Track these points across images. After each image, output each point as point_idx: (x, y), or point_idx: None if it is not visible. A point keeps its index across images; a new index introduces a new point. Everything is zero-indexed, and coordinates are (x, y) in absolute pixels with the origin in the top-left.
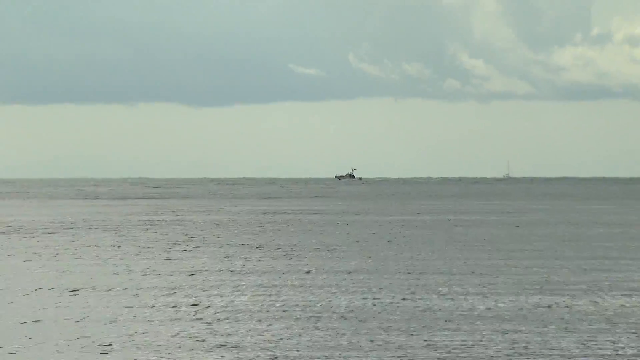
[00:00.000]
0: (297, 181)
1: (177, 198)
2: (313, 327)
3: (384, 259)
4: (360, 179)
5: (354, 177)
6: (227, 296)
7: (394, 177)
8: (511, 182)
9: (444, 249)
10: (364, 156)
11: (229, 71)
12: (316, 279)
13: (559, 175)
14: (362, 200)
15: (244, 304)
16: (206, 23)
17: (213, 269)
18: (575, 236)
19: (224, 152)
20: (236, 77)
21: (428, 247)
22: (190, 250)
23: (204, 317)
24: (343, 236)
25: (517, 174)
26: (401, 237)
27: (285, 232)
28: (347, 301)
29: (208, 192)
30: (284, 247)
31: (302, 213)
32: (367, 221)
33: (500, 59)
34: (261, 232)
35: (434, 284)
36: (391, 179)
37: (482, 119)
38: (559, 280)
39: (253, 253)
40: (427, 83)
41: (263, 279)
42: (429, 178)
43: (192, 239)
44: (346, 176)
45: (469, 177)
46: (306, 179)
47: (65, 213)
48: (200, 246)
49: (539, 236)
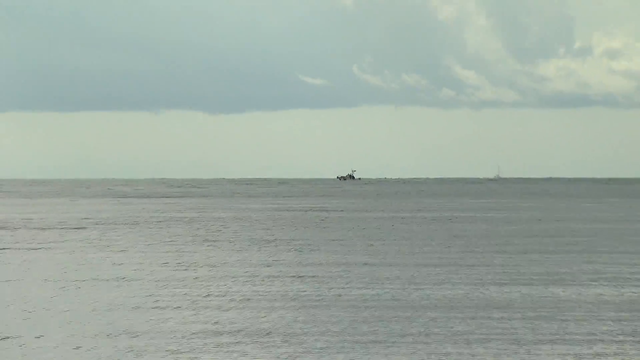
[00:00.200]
0: (302, 181)
1: (197, 197)
2: (321, 314)
3: (387, 252)
4: (359, 179)
5: (353, 177)
6: (244, 286)
7: (394, 177)
8: (501, 182)
9: (443, 244)
10: (366, 158)
11: (243, 81)
12: (325, 270)
13: (544, 175)
14: (365, 199)
15: (259, 293)
16: (223, 38)
17: (231, 261)
18: (562, 231)
19: (238, 155)
20: (250, 86)
21: (429, 241)
22: (211, 244)
23: (222, 305)
24: (350, 231)
25: (506, 174)
26: (404, 232)
27: (296, 227)
28: (353, 291)
29: (226, 191)
30: (296, 241)
31: (312, 210)
32: (371, 217)
33: (491, 70)
34: (275, 227)
35: (433, 276)
36: (391, 180)
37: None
38: (548, 271)
39: (268, 246)
40: (424, 92)
41: (277, 270)
42: (426, 178)
43: (212, 233)
44: (347, 177)
45: (462, 178)
46: (310, 179)
47: (96, 210)
48: (220, 240)
49: (529, 231)
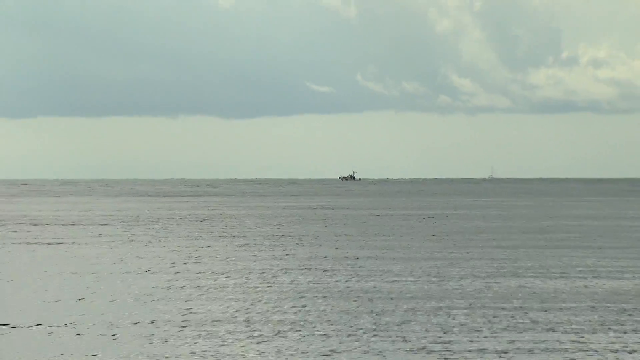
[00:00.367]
0: (308, 181)
1: (213, 195)
2: (328, 304)
3: (389, 247)
4: (360, 179)
5: (354, 178)
6: (258, 277)
7: (395, 177)
8: (495, 182)
9: (442, 239)
10: (369, 160)
11: (254, 89)
12: (332, 264)
13: (535, 176)
14: (368, 197)
15: (271, 285)
16: (237, 48)
17: (247, 255)
18: (554, 228)
19: (251, 157)
20: (261, 93)
21: (429, 237)
22: (227, 239)
23: (239, 297)
24: (354, 227)
25: (500, 175)
26: (405, 228)
27: (306, 224)
28: (358, 284)
29: (240, 190)
30: (306, 236)
31: (320, 208)
32: (374, 215)
33: (485, 78)
34: (287, 224)
35: (433, 269)
36: (392, 180)
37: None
38: (538, 265)
39: (279, 241)
40: (422, 98)
41: (288, 263)
42: (425, 179)
43: (229, 229)
44: (348, 177)
45: (458, 178)
46: (314, 179)
47: (119, 208)
48: (236, 236)
49: (522, 228)
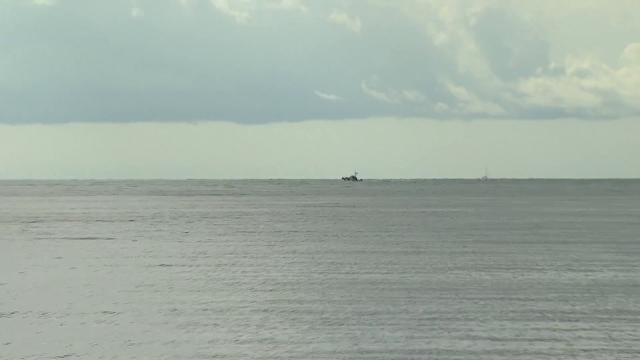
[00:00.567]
0: (317, 181)
1: (231, 195)
2: (336, 294)
3: (392, 242)
4: (361, 180)
5: (356, 178)
6: (273, 269)
7: (396, 178)
8: (488, 182)
9: (440, 234)
10: (372, 162)
11: (268, 97)
12: (340, 256)
13: (525, 177)
14: (372, 196)
15: (285, 276)
16: (251, 60)
17: (262, 249)
18: (545, 224)
19: (265, 159)
20: (274, 101)
21: (428, 232)
22: (244, 235)
23: (256, 287)
24: (359, 223)
25: (493, 175)
26: (406, 225)
27: (317, 221)
28: (363, 275)
29: (254, 190)
30: (316, 232)
31: (330, 205)
32: (377, 212)
33: (479, 87)
34: (299, 221)
35: (433, 262)
36: (393, 180)
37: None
38: (527, 259)
39: (293, 237)
40: (422, 106)
41: (300, 257)
42: (424, 179)
43: (247, 225)
44: (350, 178)
45: (455, 179)
46: (320, 179)
47: (144, 206)
48: (252, 232)
49: (514, 224)
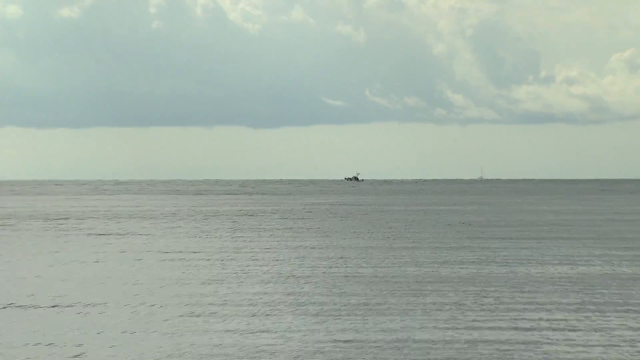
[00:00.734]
0: (324, 182)
1: (245, 194)
2: (344, 286)
3: (394, 237)
4: (362, 180)
5: (357, 179)
6: (283, 264)
7: (397, 178)
8: (484, 182)
9: (439, 231)
10: (375, 164)
11: (279, 102)
12: (347, 252)
13: (518, 177)
14: (376, 195)
15: (294, 270)
16: (263, 68)
17: (274, 245)
18: (535, 221)
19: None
20: (284, 107)
21: (428, 229)
22: (257, 232)
23: (269, 280)
24: (364, 221)
25: (488, 176)
26: (407, 221)
27: (325, 218)
28: (367, 269)
29: (266, 189)
30: (324, 229)
31: (338, 204)
32: (380, 210)
33: (475, 94)
34: (310, 219)
35: (432, 256)
36: (395, 180)
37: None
38: (518, 253)
39: (303, 233)
40: (422, 111)
41: (308, 252)
42: (424, 180)
43: (258, 223)
44: (352, 178)
45: (452, 179)
46: (326, 180)
47: (165, 204)
48: (265, 229)
49: (508, 220)
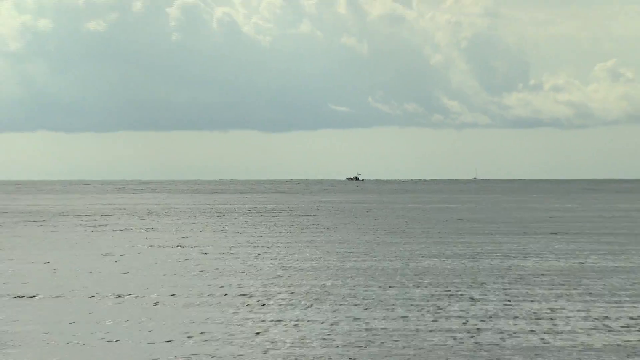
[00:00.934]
0: (329, 182)
1: (258, 193)
2: (349, 279)
3: (396, 233)
4: (363, 180)
5: (358, 179)
6: (292, 258)
7: (398, 178)
8: (478, 182)
9: (437, 227)
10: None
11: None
12: (352, 246)
13: (509, 177)
14: (380, 194)
15: (303, 263)
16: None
17: (285, 239)
18: (528, 218)
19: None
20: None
21: (427, 225)
22: (268, 227)
23: (278, 273)
24: (368, 218)
25: (482, 176)
26: (408, 218)
27: (332, 215)
28: (372, 263)
29: (277, 189)
30: (331, 225)
31: (345, 202)
32: (381, 207)
33: (469, 100)
34: (318, 216)
35: (432, 251)
36: (393, 181)
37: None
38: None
39: (312, 229)
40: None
41: (317, 246)
42: (423, 180)
43: (269, 219)
44: (353, 178)
45: (449, 179)
46: (329, 180)
47: (184, 202)
48: (275, 225)
49: (502, 217)
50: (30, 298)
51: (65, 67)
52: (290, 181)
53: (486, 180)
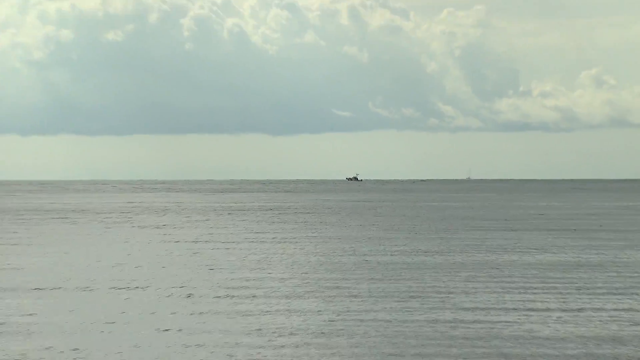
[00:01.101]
0: (330, 182)
1: (267, 192)
2: (352, 275)
3: (397, 229)
4: (361, 180)
5: (357, 179)
6: (298, 254)
7: (396, 179)
8: (471, 182)
9: (435, 224)
10: (377, 166)
11: (294, 113)
12: (357, 242)
13: (500, 177)
14: (379, 193)
15: (309, 258)
16: (281, 83)
17: (292, 235)
18: (522, 216)
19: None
20: (299, 116)
21: (426, 222)
22: (277, 224)
23: (286, 268)
24: (370, 216)
25: (475, 176)
26: (408, 215)
27: (337, 214)
28: (374, 257)
29: (284, 188)
30: (336, 223)
31: (348, 201)
32: (382, 206)
33: (463, 105)
34: (323, 214)
35: (431, 247)
36: (391, 181)
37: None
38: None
39: (317, 225)
40: (417, 121)
41: (321, 244)
42: (420, 180)
43: (277, 217)
44: (352, 178)
45: (443, 179)
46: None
47: (198, 200)
48: (283, 222)
49: (495, 215)
50: (65, 290)
51: (86, 75)
52: (296, 181)
53: (479, 180)
